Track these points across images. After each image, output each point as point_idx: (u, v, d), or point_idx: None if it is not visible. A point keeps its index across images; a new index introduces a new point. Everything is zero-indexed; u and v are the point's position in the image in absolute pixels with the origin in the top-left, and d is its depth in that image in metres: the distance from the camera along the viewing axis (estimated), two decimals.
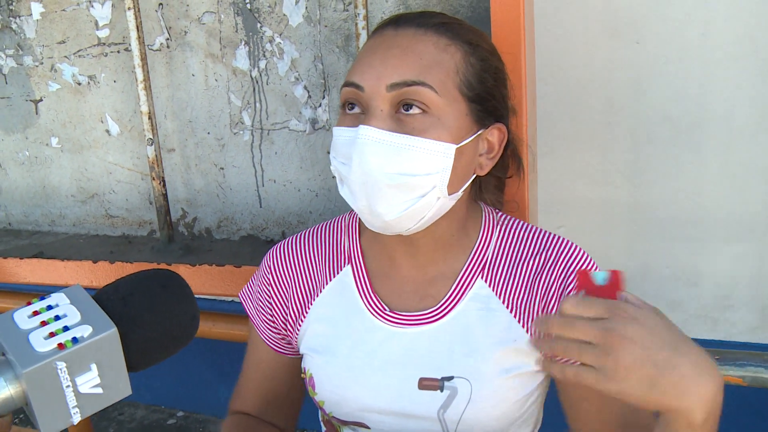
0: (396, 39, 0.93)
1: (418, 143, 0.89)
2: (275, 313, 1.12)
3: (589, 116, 1.69)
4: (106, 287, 0.68)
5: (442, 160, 0.91)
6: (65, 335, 0.61)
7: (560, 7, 1.62)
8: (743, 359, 1.28)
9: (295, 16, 1.49)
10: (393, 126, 0.90)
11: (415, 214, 0.93)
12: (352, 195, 0.94)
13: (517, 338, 0.98)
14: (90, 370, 0.61)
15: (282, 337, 1.13)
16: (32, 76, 1.79)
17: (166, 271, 0.71)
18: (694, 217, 1.71)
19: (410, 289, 1.03)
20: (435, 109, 0.90)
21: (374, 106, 0.91)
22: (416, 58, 0.91)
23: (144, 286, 0.68)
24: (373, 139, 0.89)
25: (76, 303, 0.64)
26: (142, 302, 0.67)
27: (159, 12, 1.60)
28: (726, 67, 1.57)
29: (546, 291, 0.99)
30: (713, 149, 1.64)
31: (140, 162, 1.74)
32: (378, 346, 1.01)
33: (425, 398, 0.98)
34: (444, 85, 0.91)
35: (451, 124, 0.92)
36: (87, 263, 1.61)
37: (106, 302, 0.65)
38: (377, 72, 0.91)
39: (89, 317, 0.63)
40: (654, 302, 1.81)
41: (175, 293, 0.70)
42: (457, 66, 0.93)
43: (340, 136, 0.94)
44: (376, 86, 0.90)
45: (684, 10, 1.56)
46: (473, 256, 1.03)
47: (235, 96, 1.60)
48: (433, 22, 0.95)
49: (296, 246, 1.12)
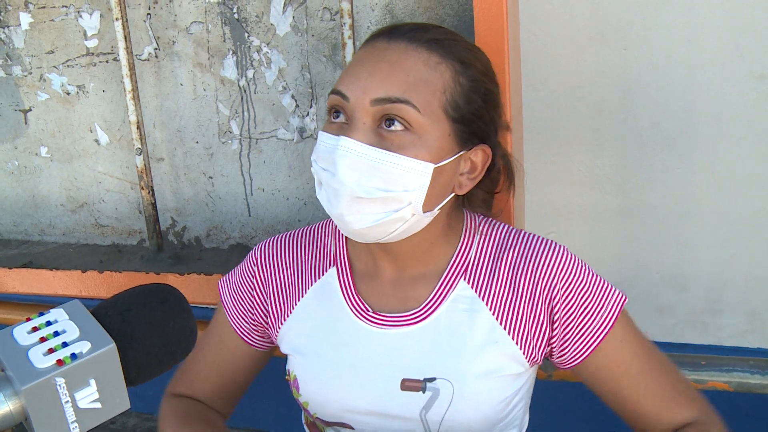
0: (386, 52, 0.93)
1: (396, 160, 0.90)
2: (256, 307, 1.12)
3: (578, 122, 1.70)
4: (104, 302, 0.68)
5: (419, 178, 0.91)
6: (64, 351, 0.61)
7: (547, 14, 1.63)
8: (729, 365, 1.28)
9: (282, 26, 1.50)
10: (373, 140, 0.90)
11: (386, 227, 0.93)
12: (328, 201, 0.95)
13: (499, 340, 0.99)
14: (89, 385, 0.62)
15: (257, 330, 1.13)
16: (21, 85, 1.79)
17: (164, 286, 0.71)
18: (683, 221, 1.71)
19: (393, 291, 1.04)
20: (417, 127, 0.90)
21: (357, 118, 0.91)
22: (403, 74, 0.91)
23: (142, 302, 0.69)
24: (352, 151, 0.90)
25: (74, 319, 0.65)
26: (141, 317, 0.67)
27: (147, 22, 1.60)
28: (713, 73, 1.58)
29: (530, 292, 0.99)
30: (701, 154, 1.65)
31: (129, 171, 1.74)
32: (361, 347, 1.02)
33: (408, 399, 0.99)
34: (428, 105, 0.91)
35: (431, 144, 0.92)
36: (76, 273, 1.61)
37: (105, 318, 0.65)
38: (363, 85, 0.91)
39: (88, 333, 0.63)
40: (644, 307, 1.83)
41: (173, 308, 0.70)
42: (445, 85, 0.92)
43: (323, 142, 0.94)
44: (361, 99, 0.90)
45: (671, 16, 1.56)
46: (455, 258, 1.03)
47: (223, 105, 1.60)
48: (426, 38, 0.94)
49: (284, 244, 1.13)
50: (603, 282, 1.02)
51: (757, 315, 1.74)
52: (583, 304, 0.99)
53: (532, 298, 0.99)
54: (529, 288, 1.00)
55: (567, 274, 0.99)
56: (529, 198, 1.57)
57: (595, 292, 1.00)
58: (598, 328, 1.00)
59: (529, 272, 1.00)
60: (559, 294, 0.99)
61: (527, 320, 0.99)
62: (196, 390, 1.16)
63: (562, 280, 0.99)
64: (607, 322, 1.00)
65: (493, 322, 0.99)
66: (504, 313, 1.00)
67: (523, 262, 1.01)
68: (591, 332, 1.00)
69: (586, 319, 0.99)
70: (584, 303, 0.99)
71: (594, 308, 1.00)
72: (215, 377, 1.16)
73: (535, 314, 0.99)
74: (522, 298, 1.00)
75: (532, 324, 0.99)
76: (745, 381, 1.26)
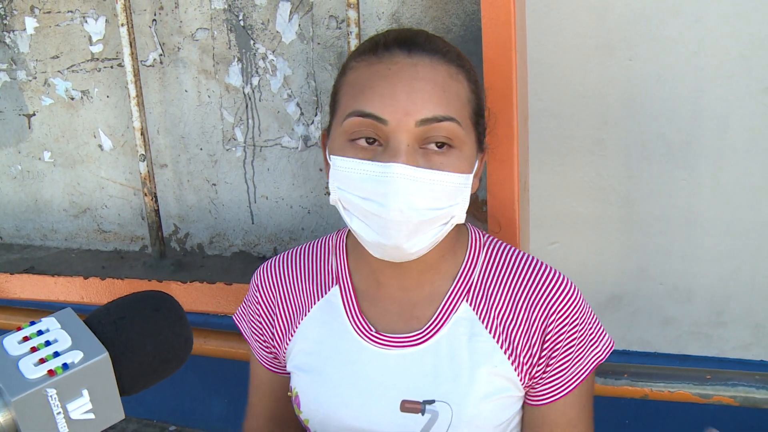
0: (415, 69, 0.90)
1: (447, 179, 0.89)
2: (264, 332, 1.12)
3: (583, 132, 1.69)
4: (97, 310, 0.67)
5: (463, 190, 0.92)
6: (56, 361, 0.60)
7: (554, 25, 1.62)
8: (735, 379, 1.27)
9: (288, 34, 1.49)
10: (421, 162, 0.89)
11: (434, 243, 0.94)
12: (378, 233, 0.90)
13: (498, 363, 0.98)
14: (81, 395, 0.61)
15: (273, 356, 1.13)
16: (25, 90, 1.78)
17: (159, 294, 0.70)
18: (688, 233, 1.71)
19: (396, 311, 1.03)
20: (458, 141, 0.90)
21: (399, 141, 0.88)
22: (441, 91, 0.89)
23: (136, 309, 0.67)
24: (409, 178, 0.87)
25: (67, 328, 0.64)
26: (134, 326, 0.66)
27: (152, 28, 1.60)
28: (719, 85, 1.58)
29: (529, 319, 0.99)
30: (706, 166, 1.64)
31: (133, 177, 1.73)
32: (363, 367, 1.01)
33: (407, 421, 0.98)
34: (463, 117, 0.92)
35: (468, 154, 0.92)
36: (78, 279, 1.60)
37: (98, 326, 0.65)
38: (404, 106, 0.87)
39: (80, 342, 0.62)
40: (647, 318, 1.82)
41: (168, 316, 0.69)
42: (467, 95, 0.94)
43: (354, 170, 0.90)
44: (404, 121, 0.87)
45: (677, 28, 1.56)
46: (459, 280, 1.02)
47: (227, 112, 1.59)
48: (441, 49, 0.93)
49: (284, 265, 1.12)
50: (597, 325, 1.02)
51: (762, 328, 1.74)
52: (571, 345, 0.99)
53: (530, 325, 0.99)
54: (528, 314, 0.99)
55: (565, 307, 0.98)
56: (534, 208, 1.57)
57: (586, 335, 1.00)
58: (574, 376, 1.00)
59: (530, 298, 0.99)
60: (554, 327, 0.98)
61: (524, 346, 0.99)
62: (259, 426, 1.17)
63: (560, 314, 0.98)
64: (585, 370, 1.01)
65: (493, 345, 0.99)
66: (503, 337, 0.99)
67: (525, 288, 1.00)
68: (567, 377, 1.00)
69: (567, 361, 0.99)
70: (572, 345, 0.99)
71: (578, 351, 1.00)
72: (265, 411, 1.17)
73: (530, 341, 0.99)
74: (521, 323, 0.99)
75: (527, 350, 0.99)
76: (751, 396, 1.25)
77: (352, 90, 0.93)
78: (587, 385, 1.02)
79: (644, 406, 1.66)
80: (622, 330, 1.83)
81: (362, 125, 0.89)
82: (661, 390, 1.32)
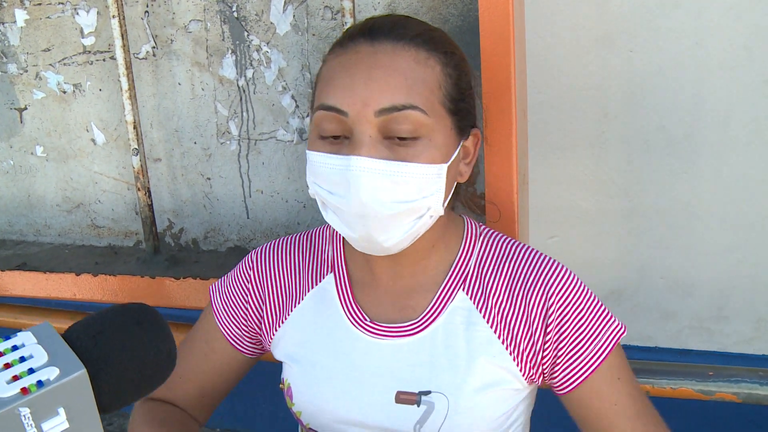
0: (375, 57, 0.88)
1: (413, 170, 0.87)
2: (250, 312, 1.09)
3: (583, 125, 1.67)
4: (76, 324, 0.64)
5: (436, 181, 0.89)
6: (30, 378, 0.57)
7: (553, 15, 1.60)
8: (738, 375, 1.25)
9: (282, 25, 1.47)
10: (385, 153, 0.86)
11: (411, 237, 0.92)
12: (347, 226, 0.90)
13: (496, 354, 0.96)
14: (57, 414, 0.57)
15: (250, 336, 1.10)
16: (16, 83, 1.76)
17: (141, 306, 0.67)
18: (689, 227, 1.69)
19: (390, 300, 1.01)
20: (425, 130, 0.88)
21: (361, 132, 0.86)
22: (401, 78, 0.87)
23: (116, 323, 0.64)
24: (368, 170, 0.85)
25: (43, 343, 0.60)
26: (114, 340, 0.63)
27: (145, 20, 1.57)
28: (720, 76, 1.55)
29: (527, 309, 0.96)
30: (707, 159, 1.62)
31: (126, 172, 1.71)
32: (357, 358, 0.99)
33: (402, 412, 0.96)
34: (431, 104, 0.88)
35: (440, 143, 0.89)
36: (70, 276, 1.58)
37: (76, 341, 0.61)
38: (362, 96, 0.86)
39: (57, 358, 0.59)
40: (648, 313, 1.80)
41: (150, 329, 0.66)
42: (439, 80, 0.90)
43: (323, 164, 0.89)
44: (363, 112, 0.86)
45: (678, 19, 1.54)
46: (455, 268, 1.00)
47: (221, 105, 1.57)
48: (409, 34, 0.90)
49: (280, 250, 1.10)
50: (603, 309, 0.99)
51: (764, 322, 1.72)
52: (578, 329, 0.96)
53: (529, 315, 0.96)
54: (525, 304, 0.97)
55: (565, 295, 0.96)
56: (534, 201, 1.55)
57: (593, 318, 0.97)
58: (591, 357, 0.96)
59: (527, 288, 0.97)
60: (555, 315, 0.96)
61: (524, 336, 0.96)
62: (175, 394, 1.12)
63: (559, 301, 0.96)
64: (602, 352, 0.97)
65: (490, 335, 0.96)
66: (501, 327, 0.97)
67: (522, 277, 0.98)
68: (583, 360, 0.96)
69: (579, 345, 0.96)
70: (579, 328, 0.96)
71: (589, 335, 0.97)
72: (198, 382, 1.12)
73: (531, 331, 0.96)
74: (519, 313, 0.97)
75: (528, 341, 0.96)
76: (754, 392, 1.23)
77: (321, 84, 0.93)
78: (615, 362, 0.97)
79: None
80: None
81: (326, 119, 0.89)
82: (663, 386, 1.30)
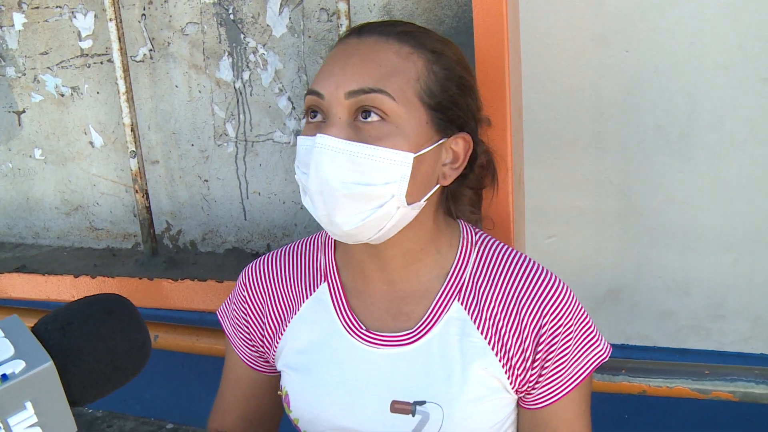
0: (358, 47, 0.92)
1: (374, 152, 0.88)
2: (252, 331, 1.10)
3: (579, 125, 1.68)
4: (45, 317, 0.63)
5: (400, 168, 0.89)
6: None
7: (548, 15, 1.61)
8: (734, 374, 1.26)
9: (278, 27, 1.47)
10: (350, 134, 0.89)
11: (374, 224, 0.91)
12: (312, 204, 0.93)
13: (489, 365, 0.96)
14: (25, 408, 0.57)
15: (259, 355, 1.12)
16: (15, 87, 1.76)
17: (113, 296, 0.66)
18: (686, 226, 1.69)
19: (383, 306, 1.01)
20: (393, 116, 0.89)
21: (333, 113, 0.90)
22: (375, 65, 0.90)
23: (86, 314, 0.63)
24: (330, 148, 0.88)
25: (10, 336, 0.59)
26: (83, 331, 0.61)
27: (142, 23, 1.58)
28: (716, 76, 1.56)
29: (520, 322, 0.96)
30: (704, 158, 1.63)
31: (124, 174, 1.72)
32: (353, 366, 0.99)
33: (397, 422, 0.96)
34: (403, 93, 0.89)
35: (409, 132, 0.90)
36: (68, 278, 1.58)
37: (44, 333, 0.60)
38: (336, 79, 0.90)
39: (23, 351, 0.58)
40: (645, 312, 1.80)
41: (123, 320, 0.64)
42: (419, 74, 0.91)
43: (300, 146, 0.93)
44: (335, 93, 0.89)
45: (674, 19, 1.54)
46: (451, 277, 1.00)
47: (218, 107, 1.57)
48: (396, 31, 0.94)
49: (272, 264, 1.10)
50: (591, 330, 1.00)
51: (761, 320, 1.72)
52: (566, 348, 0.97)
53: (522, 329, 0.96)
54: (519, 317, 0.97)
55: (558, 311, 0.96)
56: (530, 201, 1.55)
57: (581, 338, 0.98)
58: (571, 377, 0.98)
59: (522, 301, 0.97)
60: (547, 331, 0.96)
61: (516, 349, 0.97)
62: (226, 424, 1.14)
63: (552, 316, 0.96)
64: (581, 374, 0.98)
65: (484, 346, 0.97)
66: (495, 339, 0.97)
67: (517, 289, 0.98)
68: (563, 379, 0.98)
69: (563, 364, 0.97)
70: (567, 347, 0.97)
71: (574, 356, 0.97)
72: (238, 409, 1.14)
73: (522, 345, 0.97)
74: (513, 325, 0.97)
75: (519, 354, 0.97)
76: (750, 391, 1.23)
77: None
78: (585, 389, 1.00)
79: (643, 402, 1.64)
80: (620, 324, 1.81)
81: (309, 102, 0.93)
82: (659, 386, 1.30)
